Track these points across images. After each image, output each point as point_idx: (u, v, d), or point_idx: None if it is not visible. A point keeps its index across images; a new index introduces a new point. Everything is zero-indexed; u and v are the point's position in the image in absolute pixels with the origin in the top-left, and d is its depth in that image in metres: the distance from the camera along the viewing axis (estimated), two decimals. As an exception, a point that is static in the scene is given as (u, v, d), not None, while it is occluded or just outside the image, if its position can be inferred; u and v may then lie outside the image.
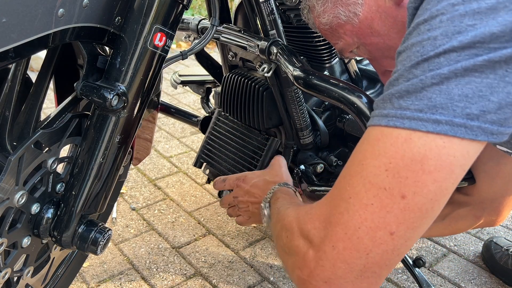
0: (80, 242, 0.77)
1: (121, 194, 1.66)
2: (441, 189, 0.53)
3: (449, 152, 0.52)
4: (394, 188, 0.53)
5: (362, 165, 0.57)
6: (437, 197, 0.54)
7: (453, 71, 0.51)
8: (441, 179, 0.53)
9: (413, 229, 0.55)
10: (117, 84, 0.70)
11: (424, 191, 0.53)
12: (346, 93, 0.88)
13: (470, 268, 1.42)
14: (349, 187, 0.57)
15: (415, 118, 0.52)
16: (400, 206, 0.53)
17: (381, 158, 0.54)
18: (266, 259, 1.41)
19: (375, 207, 0.54)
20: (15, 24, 0.56)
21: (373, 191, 0.54)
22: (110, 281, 1.29)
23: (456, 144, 0.52)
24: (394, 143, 0.54)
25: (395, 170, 0.53)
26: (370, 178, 0.55)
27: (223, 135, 1.26)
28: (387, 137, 0.55)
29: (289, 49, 0.99)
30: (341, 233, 0.56)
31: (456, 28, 0.52)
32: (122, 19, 0.70)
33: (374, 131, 0.57)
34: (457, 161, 0.52)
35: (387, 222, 0.54)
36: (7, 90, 0.67)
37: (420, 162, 0.52)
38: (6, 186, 0.66)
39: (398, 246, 0.55)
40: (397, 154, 0.53)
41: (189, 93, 2.65)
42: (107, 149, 0.74)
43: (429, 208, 0.54)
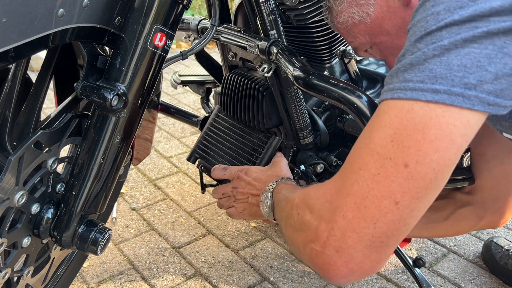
0: (80, 242, 0.77)
1: (121, 194, 1.66)
2: (443, 159, 0.55)
3: (448, 121, 0.54)
4: (398, 157, 0.55)
5: (370, 138, 0.59)
6: (439, 167, 0.55)
7: (453, 43, 0.53)
8: (442, 148, 0.54)
9: (417, 199, 0.57)
10: (117, 84, 0.70)
11: (426, 160, 0.55)
12: (346, 93, 0.88)
13: (470, 268, 1.42)
14: (358, 159, 0.60)
15: (416, 88, 0.55)
16: (403, 175, 0.55)
17: (386, 129, 0.57)
18: (266, 259, 1.41)
19: (381, 176, 0.57)
20: (15, 24, 0.56)
21: (380, 161, 0.57)
22: (110, 281, 1.29)
23: (455, 113, 0.53)
24: (398, 114, 0.56)
25: (399, 140, 0.55)
26: (377, 149, 0.57)
27: (221, 131, 1.26)
28: (392, 109, 0.57)
29: (289, 49, 0.99)
30: (351, 203, 0.59)
31: (458, 3, 0.54)
32: (122, 19, 0.70)
33: (381, 106, 0.60)
34: (457, 130, 0.54)
35: (391, 191, 0.56)
36: (7, 90, 0.67)
37: (422, 131, 0.54)
38: (6, 186, 0.66)
39: (404, 216, 0.57)
40: (401, 124, 0.56)
41: (189, 93, 2.65)
42: (107, 149, 0.74)
43: (432, 178, 0.56)
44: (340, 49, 1.13)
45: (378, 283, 1.34)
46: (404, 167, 0.55)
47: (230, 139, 1.23)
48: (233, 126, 1.24)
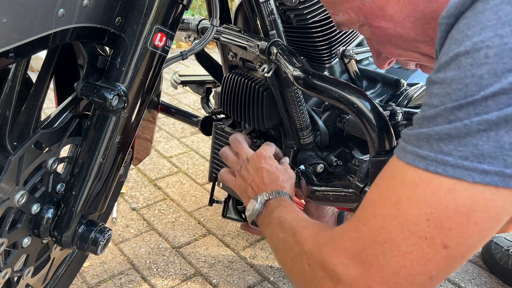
0: (80, 242, 0.77)
1: (121, 194, 1.66)
2: (485, 237, 0.52)
3: (497, 204, 0.48)
4: (436, 238, 0.51)
5: (398, 210, 0.53)
6: (480, 244, 0.52)
7: (503, 117, 0.46)
8: (487, 228, 0.50)
9: (452, 270, 0.54)
10: (117, 84, 0.70)
11: (468, 241, 0.51)
12: (346, 93, 0.87)
13: (470, 268, 1.42)
14: (383, 231, 0.54)
15: (460, 166, 0.48)
16: (442, 255, 0.52)
17: (421, 206, 0.51)
18: (266, 259, 1.41)
19: (414, 255, 0.52)
20: (16, 24, 0.56)
21: (413, 240, 0.52)
22: (110, 281, 1.29)
23: (506, 195, 0.48)
24: (436, 192, 0.50)
25: (437, 220, 0.50)
26: (409, 226, 0.52)
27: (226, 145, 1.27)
28: (427, 184, 0.51)
29: (289, 49, 0.99)
30: (377, 276, 0.55)
31: (506, 66, 0.45)
32: (122, 19, 0.70)
33: (410, 173, 0.52)
34: (505, 211, 0.49)
35: (427, 269, 0.53)
36: (7, 90, 0.67)
37: (466, 214, 0.49)
38: (7, 186, 0.66)
39: (434, 285, 0.55)
40: (440, 204, 0.50)
41: (189, 93, 2.65)
42: (107, 149, 0.74)
43: (470, 253, 0.53)
44: (340, 49, 1.13)
45: (378, 283, 1.34)
46: (443, 248, 0.51)
47: None
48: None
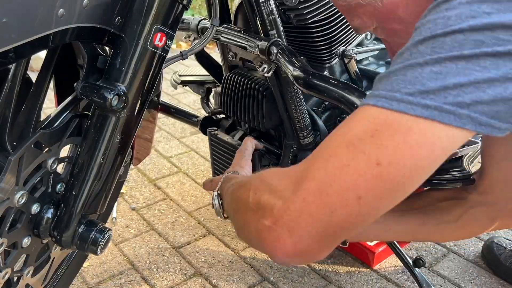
0: (80, 242, 0.77)
1: (121, 194, 1.66)
2: (416, 167, 0.54)
3: (434, 131, 0.52)
4: (372, 153, 0.54)
5: (349, 128, 0.58)
6: (410, 174, 0.54)
7: (455, 56, 0.51)
8: (419, 156, 0.53)
9: (380, 199, 0.56)
10: (117, 84, 0.70)
11: (399, 163, 0.53)
12: (346, 93, 0.88)
13: (470, 268, 1.42)
14: (331, 146, 0.59)
15: (404, 101, 0.53)
16: (373, 172, 0.54)
17: (369, 123, 0.55)
18: (266, 259, 1.41)
19: (350, 168, 0.55)
20: (15, 24, 0.56)
21: (353, 153, 0.56)
22: (110, 281, 1.29)
23: (443, 129, 0.52)
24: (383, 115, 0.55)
25: (379, 137, 0.54)
26: (353, 141, 0.56)
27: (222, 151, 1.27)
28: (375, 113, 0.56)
29: (289, 49, 0.99)
30: (314, 188, 0.58)
31: (472, 12, 0.51)
32: (122, 19, 0.70)
33: (361, 109, 0.58)
34: (440, 142, 0.53)
35: (357, 185, 0.55)
36: (7, 90, 0.67)
37: (404, 134, 0.53)
38: (6, 186, 0.66)
39: (362, 212, 0.56)
40: (386, 122, 0.54)
41: (189, 93, 2.65)
42: (107, 149, 0.74)
43: (400, 182, 0.54)
44: (340, 49, 1.13)
45: (378, 283, 1.34)
46: (376, 165, 0.54)
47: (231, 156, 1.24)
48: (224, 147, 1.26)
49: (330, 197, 0.57)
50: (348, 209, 0.56)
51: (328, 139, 0.61)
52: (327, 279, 1.34)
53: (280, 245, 0.60)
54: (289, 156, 1.17)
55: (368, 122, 0.56)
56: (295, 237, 0.59)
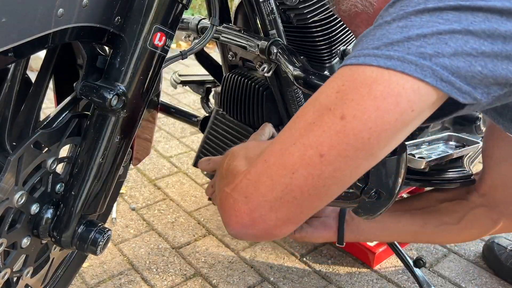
0: (79, 243, 0.77)
1: (121, 194, 1.66)
2: (382, 120, 0.52)
3: (398, 82, 0.51)
4: (337, 108, 0.53)
5: (319, 89, 0.57)
6: (376, 128, 0.52)
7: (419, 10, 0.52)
8: (384, 108, 0.52)
9: (344, 157, 0.53)
10: (117, 84, 0.70)
11: (364, 116, 0.52)
12: (346, 93, 0.87)
13: (471, 268, 1.42)
14: (301, 110, 0.58)
15: (370, 54, 0.53)
16: (337, 127, 0.53)
17: (337, 81, 0.55)
18: (266, 260, 1.40)
19: (315, 125, 0.54)
20: (15, 24, 0.56)
21: (320, 111, 0.55)
22: (110, 281, 1.28)
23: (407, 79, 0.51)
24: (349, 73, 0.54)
25: (344, 92, 0.53)
26: (321, 99, 0.55)
27: (221, 134, 1.26)
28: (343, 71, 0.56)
29: (289, 49, 0.98)
30: (277, 148, 0.56)
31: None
32: (122, 19, 0.70)
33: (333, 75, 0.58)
34: (405, 93, 0.51)
35: (320, 141, 0.53)
36: (6, 90, 0.67)
37: (369, 86, 0.52)
38: (6, 186, 0.66)
39: (325, 173, 0.54)
40: (352, 77, 0.53)
41: (189, 93, 2.65)
42: (106, 149, 0.73)
43: (365, 138, 0.53)
44: (340, 49, 1.13)
45: (378, 283, 1.34)
46: (340, 119, 0.52)
47: (231, 141, 1.23)
48: (232, 128, 1.24)
49: (292, 155, 0.54)
50: (309, 169, 0.54)
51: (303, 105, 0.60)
52: (327, 279, 1.34)
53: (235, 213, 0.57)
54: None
55: (336, 80, 0.55)
56: (251, 203, 0.56)
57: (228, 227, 0.59)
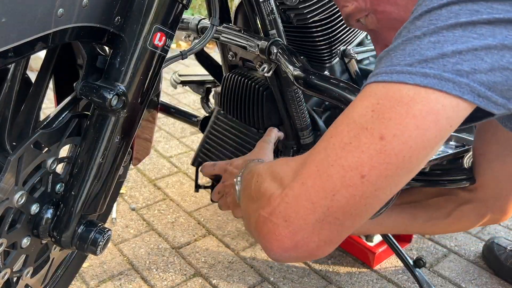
0: (79, 243, 0.77)
1: (121, 194, 1.66)
2: (422, 138, 0.52)
3: (438, 100, 0.51)
4: (375, 128, 0.52)
5: (351, 107, 0.56)
6: (416, 146, 0.52)
7: (451, 25, 0.51)
8: (424, 126, 0.51)
9: (385, 177, 0.53)
10: (117, 84, 0.70)
11: (404, 135, 0.51)
12: (346, 93, 0.87)
13: (471, 268, 1.42)
14: (333, 128, 0.57)
15: (404, 71, 0.52)
16: (376, 147, 0.52)
17: (370, 99, 0.54)
18: (266, 260, 1.40)
19: (352, 146, 0.53)
20: (15, 24, 0.56)
21: (355, 130, 0.53)
22: (110, 282, 1.28)
23: (445, 96, 0.51)
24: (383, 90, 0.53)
25: (380, 110, 0.52)
26: (355, 118, 0.54)
27: (222, 134, 1.26)
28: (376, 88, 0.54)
29: (289, 49, 0.98)
30: (313, 170, 0.55)
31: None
32: (122, 19, 0.70)
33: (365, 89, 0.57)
34: (444, 111, 0.51)
35: (360, 162, 0.52)
36: (6, 90, 0.67)
37: (407, 105, 0.51)
38: (6, 186, 0.66)
39: (367, 193, 0.53)
40: (386, 95, 0.52)
41: (189, 93, 2.65)
42: (106, 149, 0.73)
43: (406, 157, 0.52)
44: (340, 49, 1.13)
45: (378, 283, 1.34)
46: (379, 139, 0.51)
47: (231, 141, 1.23)
48: (232, 128, 1.24)
49: (331, 178, 0.53)
50: (351, 190, 0.52)
51: (332, 124, 0.58)
52: (327, 279, 1.34)
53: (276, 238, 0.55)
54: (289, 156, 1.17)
55: (369, 98, 0.54)
56: (292, 226, 0.54)
57: (269, 252, 0.58)
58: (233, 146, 1.22)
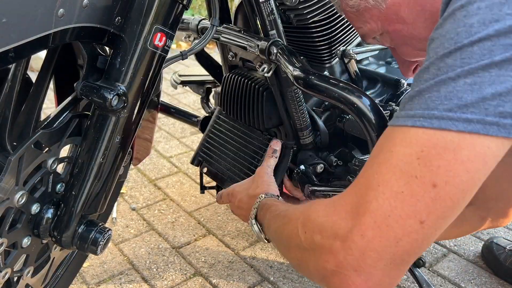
0: (80, 242, 0.77)
1: (121, 194, 1.66)
2: (473, 180, 0.53)
3: (483, 143, 0.51)
4: (425, 176, 0.53)
5: (391, 152, 0.56)
6: (469, 187, 0.53)
7: (486, 65, 0.50)
8: (474, 169, 0.52)
9: (443, 218, 0.55)
10: (117, 84, 0.70)
11: (456, 180, 0.52)
12: (346, 93, 0.87)
13: (470, 268, 1.42)
14: (377, 175, 0.57)
15: (445, 117, 0.52)
16: (431, 195, 0.53)
17: (413, 146, 0.54)
18: (266, 259, 1.41)
19: (405, 195, 0.54)
20: (15, 24, 0.56)
21: (404, 179, 0.54)
22: (110, 281, 1.29)
23: (490, 140, 0.51)
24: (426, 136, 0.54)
25: (427, 158, 0.53)
26: (400, 166, 0.55)
27: (223, 133, 1.26)
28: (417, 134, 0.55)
29: (289, 49, 0.99)
30: (370, 222, 0.56)
31: (494, 16, 0.50)
32: (122, 19, 0.70)
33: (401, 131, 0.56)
34: (491, 152, 0.52)
35: (417, 210, 0.54)
36: (7, 90, 0.67)
37: (453, 151, 0.52)
38: (6, 186, 0.66)
39: (428, 235, 0.55)
40: (430, 142, 0.53)
41: (189, 93, 2.65)
42: (107, 149, 0.74)
43: (460, 198, 0.54)
44: (340, 49, 1.13)
45: (378, 283, 1.34)
46: (432, 187, 0.53)
47: (232, 141, 1.23)
48: (234, 128, 1.24)
49: (391, 228, 0.55)
50: (413, 236, 0.55)
51: (371, 166, 0.59)
52: (327, 279, 1.34)
53: (350, 286, 0.58)
54: (289, 156, 1.17)
55: (412, 145, 0.54)
56: (364, 275, 0.57)
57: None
58: (234, 146, 1.23)
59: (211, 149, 1.27)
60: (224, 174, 1.24)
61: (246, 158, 1.19)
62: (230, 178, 1.22)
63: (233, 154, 1.22)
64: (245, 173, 1.18)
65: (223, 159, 1.24)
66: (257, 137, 1.18)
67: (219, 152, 1.25)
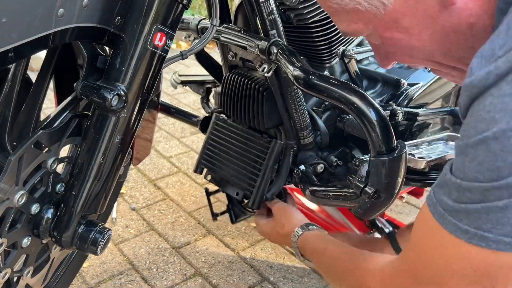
0: (80, 242, 0.77)
1: (121, 194, 1.66)
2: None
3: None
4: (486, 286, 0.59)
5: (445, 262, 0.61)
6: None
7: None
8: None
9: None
10: (117, 84, 0.70)
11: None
12: (346, 93, 0.87)
13: None
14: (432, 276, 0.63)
15: (501, 242, 0.55)
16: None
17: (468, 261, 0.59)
18: (266, 259, 1.41)
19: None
20: (15, 24, 0.56)
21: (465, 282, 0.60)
22: (110, 281, 1.28)
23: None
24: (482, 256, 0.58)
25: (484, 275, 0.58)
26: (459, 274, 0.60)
27: (223, 139, 1.26)
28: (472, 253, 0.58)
29: (289, 49, 0.98)
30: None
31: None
32: (122, 19, 0.70)
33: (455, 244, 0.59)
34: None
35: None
36: (7, 90, 0.67)
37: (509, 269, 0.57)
38: (6, 186, 0.66)
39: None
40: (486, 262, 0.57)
41: (189, 93, 2.65)
42: (107, 149, 0.73)
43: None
44: (340, 49, 1.13)
45: (378, 283, 1.34)
46: None
47: (233, 146, 1.23)
48: (233, 132, 1.24)
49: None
50: None
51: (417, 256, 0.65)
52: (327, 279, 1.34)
53: None
54: (289, 156, 1.17)
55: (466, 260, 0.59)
56: None
57: None
58: (236, 151, 1.22)
59: (213, 156, 1.27)
60: (228, 180, 1.23)
61: (249, 163, 1.19)
62: (235, 184, 1.21)
63: (235, 159, 1.22)
64: (249, 177, 1.17)
65: (225, 165, 1.24)
66: (258, 140, 1.18)
67: (221, 159, 1.25)
